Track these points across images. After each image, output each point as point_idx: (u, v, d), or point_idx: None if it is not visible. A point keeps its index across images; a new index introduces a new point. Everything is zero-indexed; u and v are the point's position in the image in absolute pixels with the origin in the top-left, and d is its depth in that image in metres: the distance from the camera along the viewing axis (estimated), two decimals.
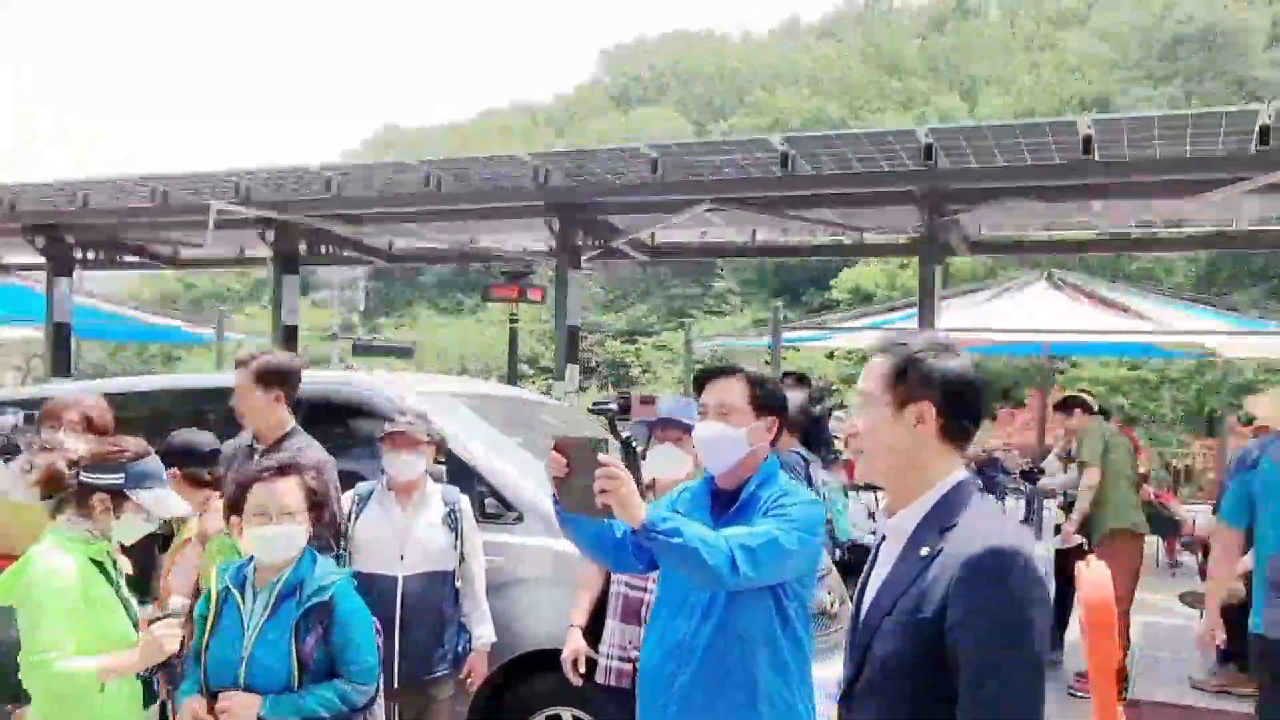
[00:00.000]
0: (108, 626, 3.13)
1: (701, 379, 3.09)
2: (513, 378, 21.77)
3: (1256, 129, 6.75)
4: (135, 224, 10.88)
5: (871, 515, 7.98)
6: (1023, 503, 16.23)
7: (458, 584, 4.50)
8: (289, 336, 10.27)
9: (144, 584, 4.05)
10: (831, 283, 40.15)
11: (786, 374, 6.79)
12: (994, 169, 7.54)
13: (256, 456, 4.18)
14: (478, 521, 4.74)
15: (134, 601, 3.33)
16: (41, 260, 11.41)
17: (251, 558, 3.30)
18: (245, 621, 3.19)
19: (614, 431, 4.00)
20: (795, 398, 4.32)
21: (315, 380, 6.30)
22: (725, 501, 3.02)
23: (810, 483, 6.70)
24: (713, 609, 2.87)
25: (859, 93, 56.01)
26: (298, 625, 3.17)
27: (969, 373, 2.05)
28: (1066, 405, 7.81)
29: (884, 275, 36.14)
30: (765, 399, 3.00)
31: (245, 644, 3.15)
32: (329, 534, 4.09)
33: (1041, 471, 8.93)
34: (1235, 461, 4.56)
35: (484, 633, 4.53)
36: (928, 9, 68.95)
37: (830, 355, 28.67)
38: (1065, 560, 6.89)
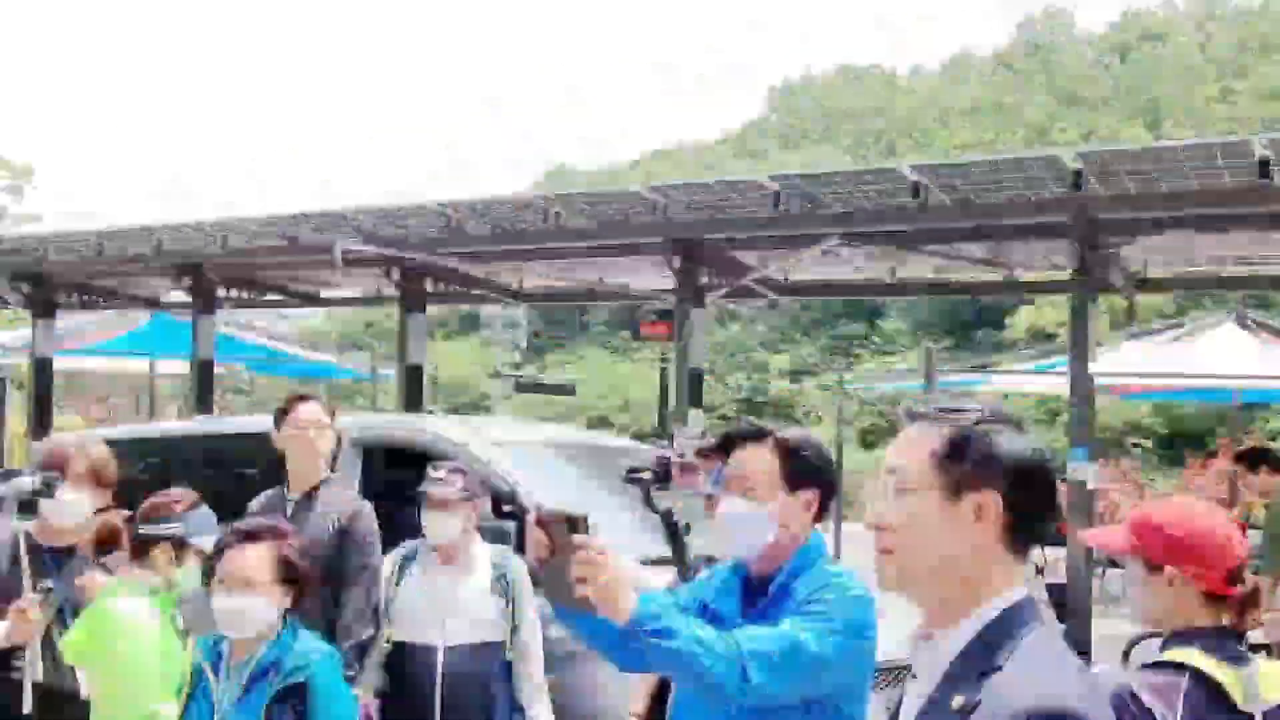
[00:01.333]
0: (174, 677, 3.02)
1: (726, 444, 2.56)
2: (663, 421, 21.33)
3: None
4: (269, 264, 11.02)
5: None
6: None
7: (508, 657, 4.06)
8: (413, 377, 10.15)
9: None
10: (1007, 321, 38.32)
11: None
12: (1154, 196, 6.71)
13: (290, 507, 3.97)
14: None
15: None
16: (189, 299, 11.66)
17: None
18: (215, 704, 2.85)
19: (649, 504, 3.48)
20: None
21: (389, 425, 6.18)
22: (758, 591, 2.48)
23: None
24: None
25: (1034, 125, 53.87)
26: (269, 709, 2.81)
27: (1042, 456, 1.53)
28: (1252, 459, 6.76)
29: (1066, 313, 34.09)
30: (802, 469, 2.46)
31: None
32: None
33: None
34: None
35: (538, 714, 4.09)
36: (1112, 36, 65.92)
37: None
38: None
